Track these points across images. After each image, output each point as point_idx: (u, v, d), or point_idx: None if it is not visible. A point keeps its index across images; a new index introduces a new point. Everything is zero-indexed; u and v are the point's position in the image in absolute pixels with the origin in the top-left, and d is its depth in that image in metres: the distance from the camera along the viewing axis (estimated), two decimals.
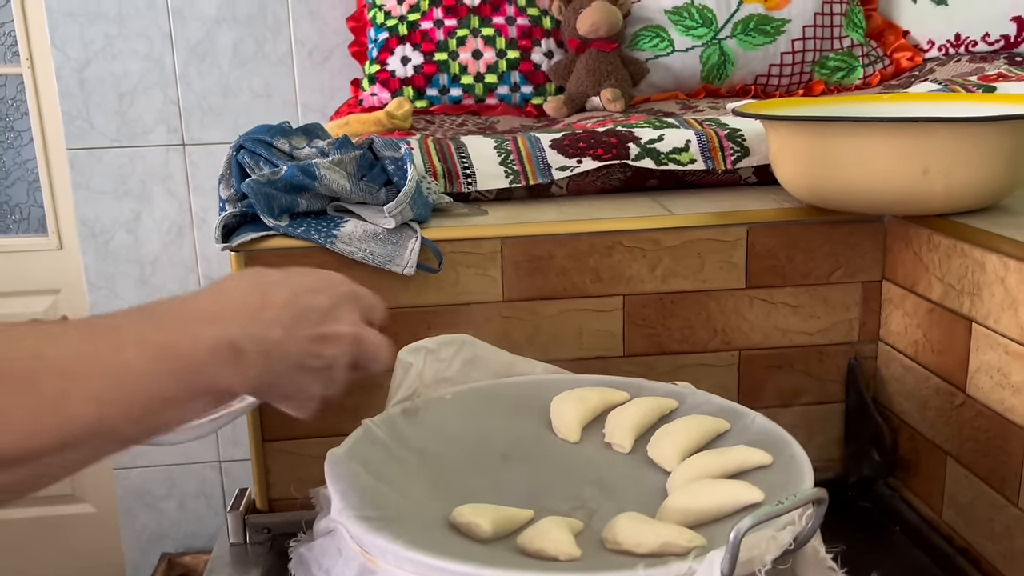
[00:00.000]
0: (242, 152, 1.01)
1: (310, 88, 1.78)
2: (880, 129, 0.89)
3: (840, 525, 0.98)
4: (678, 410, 0.82)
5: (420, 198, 0.99)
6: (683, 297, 1.01)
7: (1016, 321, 0.81)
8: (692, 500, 0.66)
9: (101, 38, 1.72)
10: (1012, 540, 0.84)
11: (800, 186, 1.00)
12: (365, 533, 0.61)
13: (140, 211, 1.80)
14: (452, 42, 1.53)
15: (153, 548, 1.94)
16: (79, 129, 1.76)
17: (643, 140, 1.11)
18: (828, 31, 1.56)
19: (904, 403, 1.01)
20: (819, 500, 0.58)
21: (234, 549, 0.98)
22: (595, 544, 0.64)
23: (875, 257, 1.02)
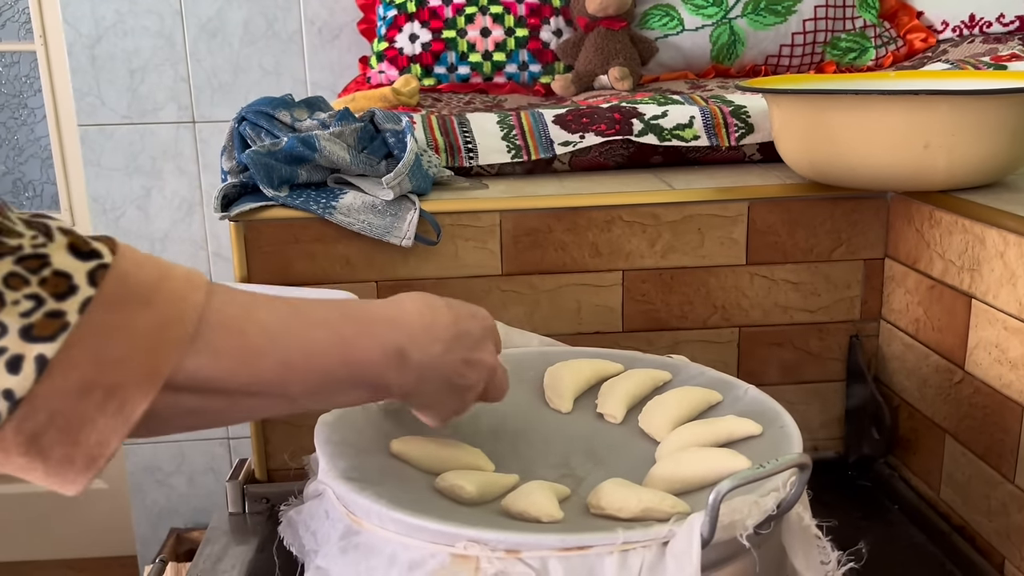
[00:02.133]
0: (244, 124, 1.01)
1: (319, 66, 1.78)
2: (881, 103, 0.88)
3: (840, 503, 0.99)
4: (671, 382, 0.81)
5: (420, 171, 0.99)
6: (683, 273, 1.01)
7: (1015, 296, 0.80)
8: (678, 468, 0.66)
9: (112, 15, 1.73)
10: (1008, 517, 0.83)
11: (802, 162, 0.99)
12: (350, 493, 0.61)
13: (150, 188, 1.81)
14: (460, 20, 1.53)
15: (162, 523, 1.95)
16: (90, 106, 1.77)
17: (647, 116, 1.11)
18: (840, 11, 1.55)
19: (904, 381, 1.01)
20: (803, 465, 0.58)
21: (233, 518, 0.99)
22: (580, 509, 0.64)
23: (878, 234, 1.02)
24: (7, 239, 0.42)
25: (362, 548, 0.60)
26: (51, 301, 0.42)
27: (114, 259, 0.45)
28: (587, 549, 0.54)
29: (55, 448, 0.43)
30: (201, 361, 0.47)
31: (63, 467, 0.44)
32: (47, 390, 0.42)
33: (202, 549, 0.93)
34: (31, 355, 0.42)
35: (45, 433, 0.43)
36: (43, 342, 0.42)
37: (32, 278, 0.42)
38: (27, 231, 0.43)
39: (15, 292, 0.42)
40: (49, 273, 0.43)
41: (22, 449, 0.43)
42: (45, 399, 0.42)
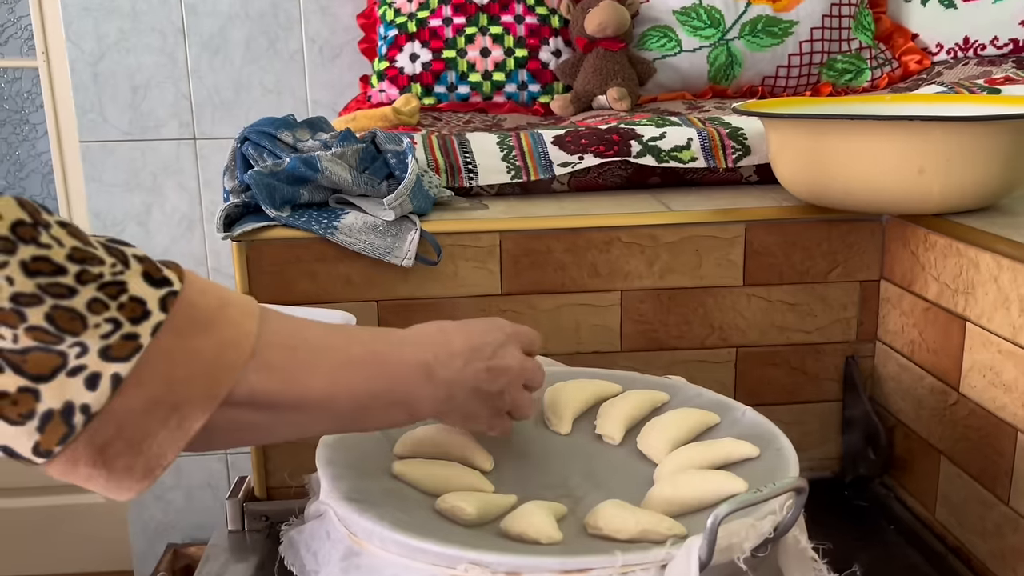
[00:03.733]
0: (246, 144, 1.02)
1: (320, 84, 1.80)
2: (876, 128, 0.89)
3: (836, 523, 1.00)
4: (669, 403, 0.82)
5: (421, 191, 1.00)
6: (681, 293, 1.02)
7: (1008, 320, 0.81)
8: (676, 490, 0.67)
9: (115, 32, 1.74)
10: (1003, 538, 0.84)
11: (799, 184, 1.00)
12: (352, 515, 0.62)
13: (151, 204, 1.82)
14: (460, 40, 1.54)
15: (159, 539, 1.95)
16: (92, 122, 1.78)
17: (645, 137, 1.12)
18: (836, 33, 1.56)
19: (900, 402, 1.01)
20: (800, 489, 0.59)
21: (232, 536, 1.00)
22: (578, 529, 0.64)
23: (873, 256, 1.03)
24: (91, 267, 0.46)
25: (363, 569, 0.60)
26: (127, 324, 0.47)
27: (183, 287, 0.49)
28: (587, 572, 0.55)
29: (119, 459, 0.47)
30: (257, 377, 0.52)
31: (124, 476, 0.48)
32: (119, 406, 0.46)
33: (202, 567, 0.93)
34: (107, 373, 0.46)
35: (112, 445, 0.47)
36: (119, 362, 0.46)
37: (112, 303, 0.46)
38: (107, 258, 0.47)
39: (97, 316, 0.46)
40: (127, 299, 0.47)
41: (90, 460, 0.47)
42: (116, 414, 0.46)
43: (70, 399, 0.45)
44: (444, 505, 0.66)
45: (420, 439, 0.75)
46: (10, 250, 0.44)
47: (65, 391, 0.45)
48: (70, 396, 0.45)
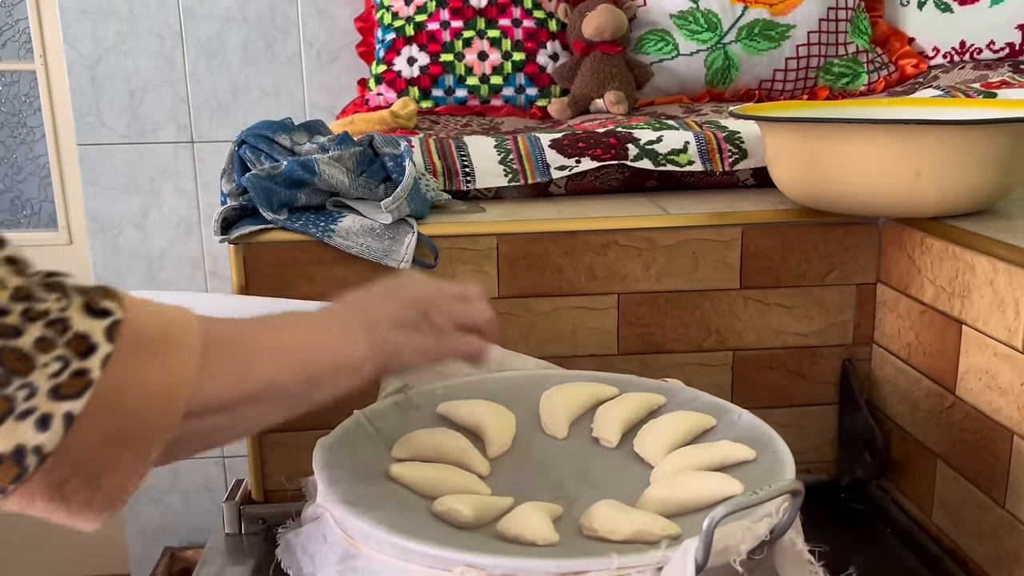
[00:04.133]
0: (244, 147, 1.02)
1: (318, 87, 1.80)
2: (872, 131, 0.89)
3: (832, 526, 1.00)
4: (666, 406, 0.82)
5: (418, 195, 1.00)
6: (677, 296, 1.02)
7: (1004, 323, 0.81)
8: (672, 491, 0.67)
9: (113, 35, 1.74)
10: (998, 541, 0.84)
11: (795, 188, 1.00)
12: (348, 517, 0.62)
13: (149, 207, 1.82)
14: (458, 43, 1.55)
15: (156, 542, 1.95)
16: (90, 125, 1.78)
17: (642, 141, 1.12)
18: (833, 37, 1.57)
19: (896, 405, 1.02)
20: (795, 492, 0.59)
21: (229, 539, 1.00)
22: (573, 530, 0.65)
23: (870, 260, 1.03)
24: (36, 304, 0.45)
25: (360, 572, 0.60)
26: (76, 360, 0.45)
27: (125, 315, 0.48)
28: (583, 574, 0.55)
29: (77, 494, 0.46)
30: (210, 386, 0.51)
31: (84, 509, 0.47)
32: (73, 444, 0.45)
33: (198, 570, 0.93)
34: (59, 413, 0.44)
35: (69, 481, 0.46)
36: (70, 400, 0.45)
37: (59, 339, 0.45)
38: (50, 294, 0.46)
39: (45, 355, 0.44)
40: (72, 335, 0.45)
41: (47, 497, 0.46)
42: (71, 452, 0.45)
43: (21, 442, 0.44)
44: (441, 507, 0.66)
45: (417, 442, 0.75)
46: None
47: (15, 435, 0.43)
48: (20, 440, 0.44)
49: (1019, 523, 0.81)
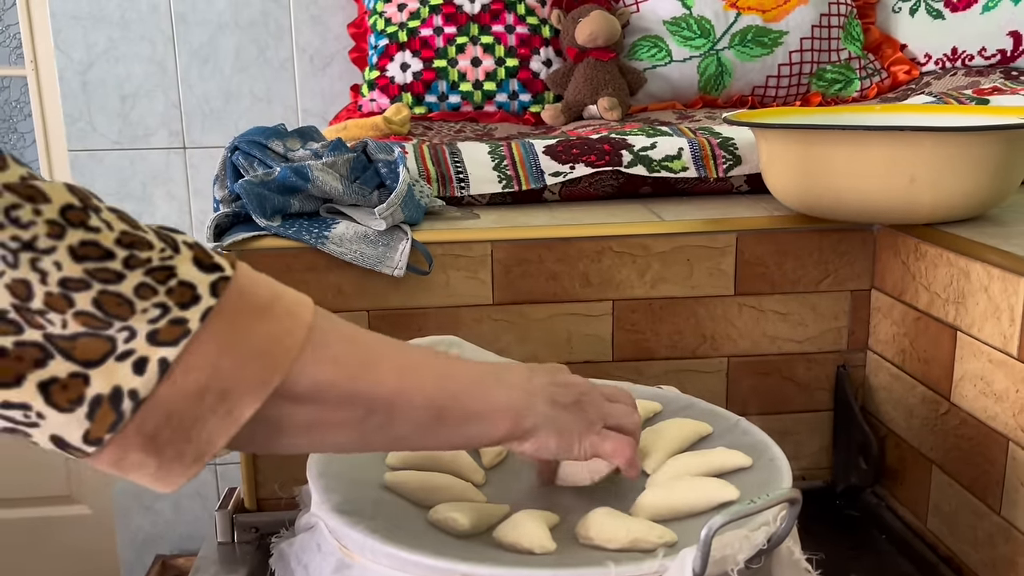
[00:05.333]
0: (237, 153, 1.02)
1: (311, 93, 1.80)
2: (867, 138, 0.89)
3: (827, 533, 1.00)
4: (661, 413, 0.82)
5: (412, 201, 0.99)
6: (672, 303, 1.02)
7: (999, 329, 0.81)
8: (667, 497, 0.67)
9: (104, 41, 1.74)
10: (994, 548, 0.84)
11: (790, 194, 1.00)
12: (343, 527, 0.61)
13: (140, 213, 1.80)
14: (451, 49, 1.54)
15: (148, 550, 1.94)
16: (81, 131, 1.77)
17: (636, 147, 1.12)
18: (826, 43, 1.57)
19: (891, 411, 1.02)
20: (793, 500, 0.58)
21: (222, 548, 0.99)
22: (569, 539, 0.64)
23: (864, 266, 1.03)
24: (139, 251, 0.46)
25: None
26: (176, 309, 0.46)
27: (235, 273, 0.48)
28: None
29: (169, 446, 0.46)
30: (320, 369, 0.50)
31: (174, 463, 0.47)
32: (167, 391, 0.45)
33: None
34: (155, 357, 0.45)
35: (162, 432, 0.46)
36: (166, 346, 0.45)
37: (160, 288, 0.46)
38: (157, 242, 0.47)
39: (144, 301, 0.45)
40: (175, 283, 0.46)
41: (140, 447, 0.46)
42: (164, 399, 0.45)
43: (118, 384, 0.44)
44: (437, 516, 0.65)
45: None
46: (59, 235, 0.44)
47: (113, 376, 0.44)
48: (118, 381, 0.44)
49: (1015, 530, 0.81)
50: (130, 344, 0.45)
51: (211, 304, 0.47)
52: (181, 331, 0.46)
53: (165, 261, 0.46)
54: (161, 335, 0.45)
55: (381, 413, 0.54)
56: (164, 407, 0.46)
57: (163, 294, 0.46)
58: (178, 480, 0.48)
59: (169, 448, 0.46)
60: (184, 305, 0.46)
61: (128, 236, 0.46)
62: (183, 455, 0.47)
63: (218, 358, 0.47)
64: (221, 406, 0.47)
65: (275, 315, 0.49)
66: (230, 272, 0.48)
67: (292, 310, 0.50)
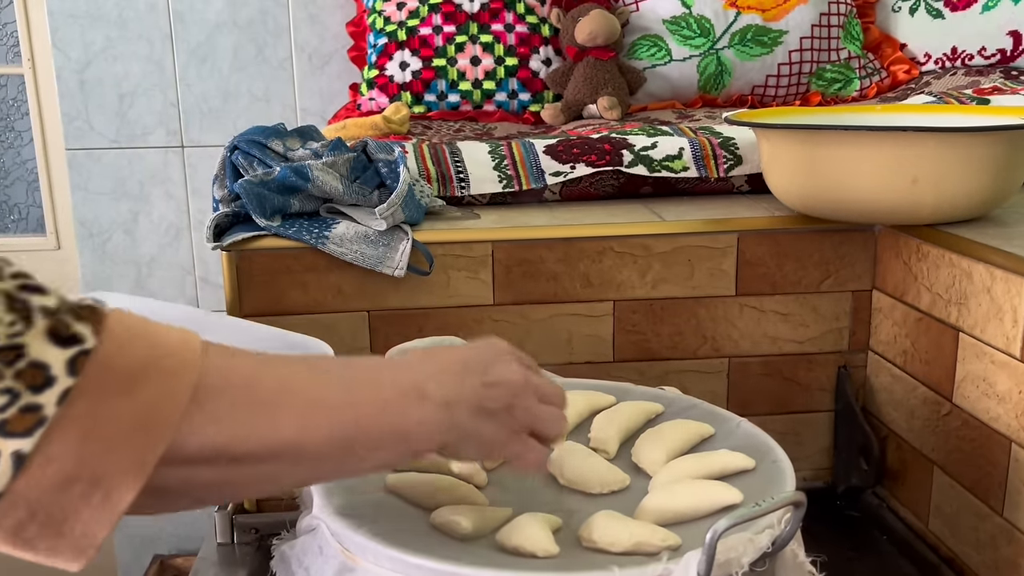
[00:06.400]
0: (236, 153, 1.02)
1: (309, 92, 1.79)
2: (869, 138, 0.89)
3: (828, 534, 0.99)
4: (663, 414, 0.82)
5: (412, 201, 0.99)
6: (673, 303, 1.01)
7: (1001, 330, 0.81)
8: (670, 499, 0.67)
9: (102, 40, 1.73)
10: (996, 550, 0.84)
11: (791, 195, 1.00)
12: (345, 530, 0.61)
13: (138, 212, 1.81)
14: (451, 48, 1.54)
15: (145, 550, 1.93)
16: (78, 130, 1.76)
17: (637, 147, 1.12)
18: (826, 43, 1.57)
19: (892, 412, 1.01)
20: (798, 503, 0.58)
21: (221, 549, 0.98)
22: (572, 542, 0.64)
23: (865, 267, 1.03)
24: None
25: None
26: (27, 394, 0.40)
27: (96, 344, 0.42)
28: None
29: (39, 541, 0.42)
30: (210, 430, 0.46)
31: (51, 557, 0.43)
32: (25, 485, 0.41)
33: None
34: (7, 451, 0.40)
35: (26, 528, 0.41)
36: (19, 437, 0.40)
37: (7, 371, 0.40)
38: (5, 316, 0.41)
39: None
40: (25, 365, 0.41)
41: (8, 542, 0.42)
42: (24, 494, 0.41)
43: None
44: (439, 519, 0.65)
45: None
46: None
47: None
48: None
49: (1017, 531, 0.81)
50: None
51: (68, 385, 0.41)
52: (35, 420, 0.40)
53: (13, 339, 0.41)
54: (11, 425, 0.40)
55: (286, 460, 0.50)
56: (25, 503, 0.41)
57: (10, 378, 0.40)
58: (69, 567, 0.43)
59: (40, 544, 0.42)
60: (36, 389, 0.40)
61: None
62: (57, 550, 0.42)
63: (82, 445, 0.41)
64: (94, 494, 0.42)
65: (150, 381, 0.44)
66: (91, 343, 0.42)
67: (173, 369, 0.45)
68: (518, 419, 0.59)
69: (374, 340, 0.98)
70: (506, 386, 0.59)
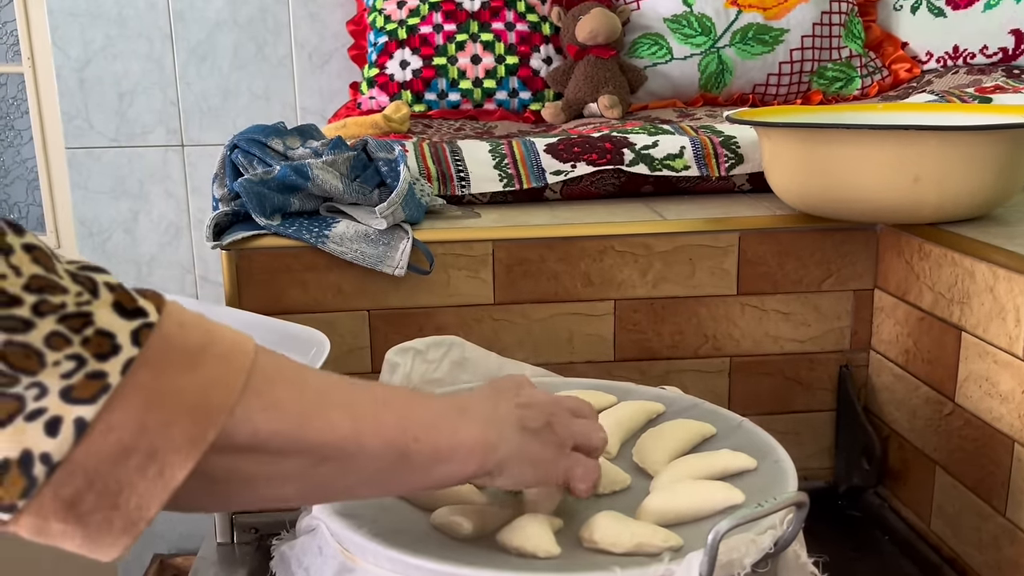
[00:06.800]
0: (236, 151, 1.01)
1: (309, 91, 1.79)
2: (871, 137, 0.89)
3: (829, 534, 0.99)
4: (664, 414, 0.81)
5: (413, 200, 0.99)
6: (674, 303, 1.01)
7: (1004, 330, 0.81)
8: (671, 500, 0.66)
9: (102, 38, 1.73)
10: (999, 550, 0.83)
11: (792, 193, 1.00)
12: (345, 530, 0.60)
13: (138, 211, 1.80)
14: (451, 47, 1.54)
15: (145, 549, 1.93)
16: (78, 128, 1.76)
17: (637, 146, 1.11)
18: (827, 41, 1.56)
19: (894, 412, 1.01)
20: (800, 504, 0.58)
21: (221, 548, 0.98)
22: (573, 542, 0.63)
23: (867, 265, 1.02)
24: (51, 296, 0.41)
25: None
26: (93, 361, 0.41)
27: (160, 319, 0.44)
28: None
29: (94, 513, 0.42)
30: (263, 417, 0.46)
31: (101, 532, 0.42)
32: (85, 454, 0.41)
33: None
34: (70, 417, 0.40)
35: (83, 498, 0.41)
36: (83, 404, 0.41)
37: (75, 337, 0.41)
38: (72, 286, 0.42)
39: (56, 352, 0.41)
40: (92, 332, 0.42)
41: (60, 515, 0.41)
42: (83, 463, 0.41)
43: (28, 447, 0.40)
44: (440, 519, 0.64)
45: None
46: None
47: (22, 438, 0.40)
48: (28, 444, 0.40)
49: (1020, 532, 0.81)
50: (41, 402, 0.40)
51: (133, 355, 0.42)
52: (100, 386, 0.41)
53: (81, 307, 0.42)
54: (76, 392, 0.41)
55: (335, 461, 0.50)
56: (83, 472, 0.41)
57: (78, 344, 0.41)
58: (110, 551, 0.43)
59: (94, 516, 0.42)
60: (102, 356, 0.41)
61: (39, 280, 0.41)
62: (110, 524, 0.42)
63: (143, 415, 0.42)
64: (150, 467, 0.42)
65: (208, 362, 0.44)
66: (154, 317, 0.43)
67: (228, 354, 0.46)
68: (559, 435, 0.61)
69: (374, 339, 0.98)
70: (539, 406, 0.60)
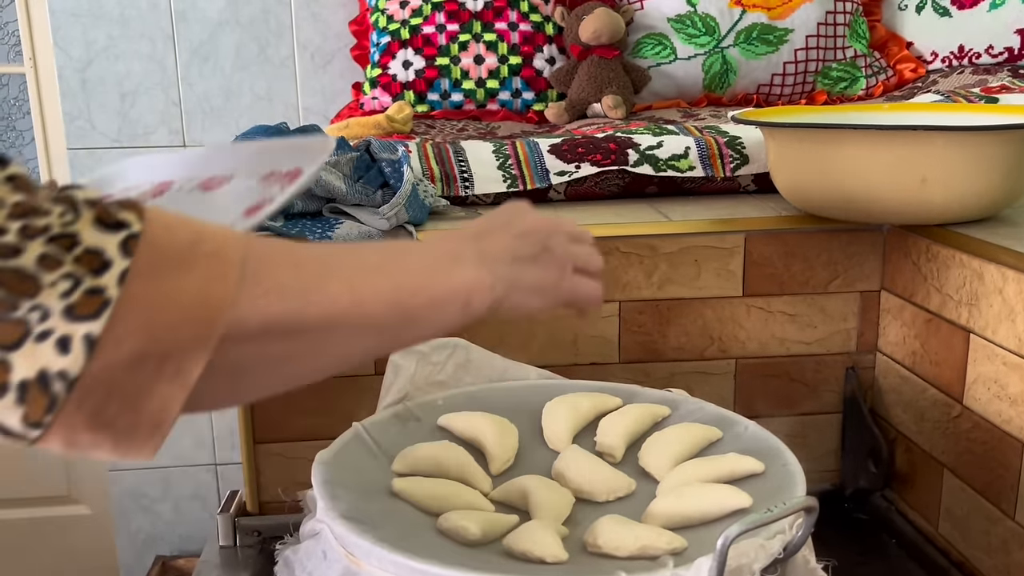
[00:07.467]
0: None
1: (312, 91, 1.78)
2: (878, 137, 0.88)
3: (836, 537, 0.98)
4: (670, 417, 0.81)
5: (416, 201, 0.98)
6: (679, 304, 1.00)
7: (1014, 332, 0.80)
8: (678, 503, 0.66)
9: (104, 38, 1.72)
10: (1008, 554, 0.83)
11: (798, 194, 0.99)
12: (350, 534, 0.60)
13: None
14: (454, 47, 1.53)
15: (147, 551, 1.93)
16: (80, 129, 1.76)
17: (642, 146, 1.11)
18: (831, 41, 1.56)
19: (901, 414, 1.00)
20: (810, 509, 0.57)
21: (223, 551, 0.98)
22: (578, 547, 0.63)
23: (874, 267, 1.02)
24: (35, 220, 0.42)
25: None
26: (88, 278, 0.42)
27: (144, 226, 0.44)
28: None
29: (119, 420, 0.43)
30: (266, 302, 0.47)
31: (129, 438, 0.44)
32: (100, 366, 0.42)
33: None
34: (78, 334, 0.42)
35: (106, 407, 0.43)
36: (88, 320, 0.42)
37: (65, 256, 0.42)
38: (54, 207, 0.42)
39: (51, 273, 0.42)
40: (81, 251, 0.42)
41: (87, 425, 0.43)
42: (100, 375, 0.42)
43: (44, 367, 0.41)
44: (446, 524, 0.64)
45: (418, 456, 0.73)
46: None
47: (37, 358, 0.41)
48: (43, 363, 0.41)
49: None
50: (46, 324, 0.41)
51: (125, 266, 0.43)
52: (100, 301, 0.42)
53: (67, 227, 0.42)
54: (79, 309, 0.42)
55: (346, 328, 0.51)
56: (101, 384, 0.43)
57: (70, 263, 0.42)
58: (140, 454, 0.45)
59: (119, 423, 0.44)
60: (96, 272, 0.42)
61: (20, 207, 0.42)
62: (136, 428, 0.44)
63: (149, 322, 0.43)
64: (166, 369, 0.44)
65: (201, 259, 0.45)
66: (138, 226, 0.44)
67: (219, 248, 0.46)
68: (558, 258, 0.61)
69: None
70: (535, 233, 0.61)
